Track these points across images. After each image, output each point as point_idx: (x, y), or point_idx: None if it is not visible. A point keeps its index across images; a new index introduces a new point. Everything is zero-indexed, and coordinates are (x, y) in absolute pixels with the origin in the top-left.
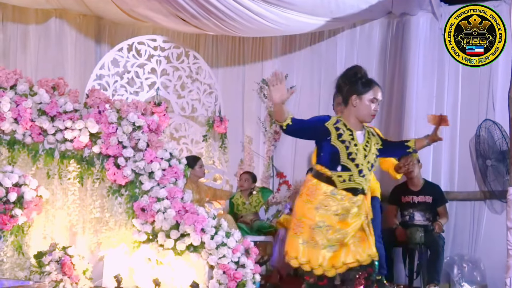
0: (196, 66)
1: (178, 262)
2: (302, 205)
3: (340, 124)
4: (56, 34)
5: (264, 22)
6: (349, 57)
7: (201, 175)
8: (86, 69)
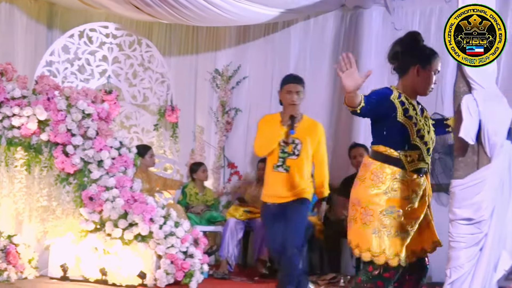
0: (148, 54)
1: (125, 252)
2: (367, 191)
3: (403, 97)
4: (5, 19)
5: (217, 11)
6: (302, 49)
7: (151, 164)
8: (36, 55)
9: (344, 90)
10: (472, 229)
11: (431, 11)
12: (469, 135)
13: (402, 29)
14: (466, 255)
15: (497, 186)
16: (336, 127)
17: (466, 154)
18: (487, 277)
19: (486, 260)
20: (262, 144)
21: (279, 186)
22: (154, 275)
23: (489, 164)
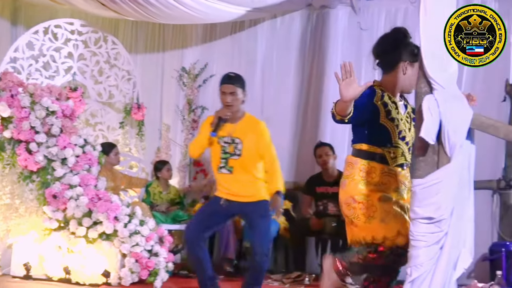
0: (114, 51)
1: (89, 250)
2: (358, 187)
3: (385, 97)
4: None
5: (184, 9)
6: (269, 48)
7: (116, 162)
8: (0, 52)
9: (341, 98)
10: (432, 228)
11: (397, 11)
12: (430, 135)
13: (368, 29)
14: (426, 254)
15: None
16: (302, 126)
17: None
18: (447, 276)
19: (446, 258)
20: (195, 145)
21: (228, 186)
22: (118, 274)
23: (449, 163)
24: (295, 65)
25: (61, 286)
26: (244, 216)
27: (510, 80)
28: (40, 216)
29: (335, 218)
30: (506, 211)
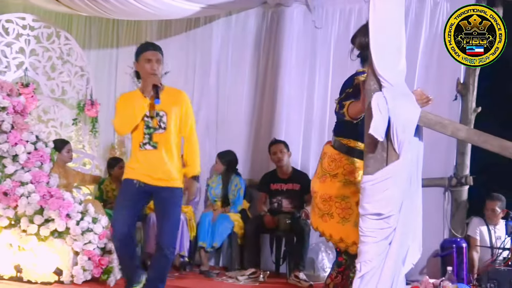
0: (67, 47)
1: (41, 248)
2: (340, 187)
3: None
4: None
5: (138, 5)
6: (224, 45)
7: (68, 159)
8: None
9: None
10: (381, 224)
11: (351, 10)
12: (379, 132)
13: (322, 28)
14: (375, 250)
15: (405, 181)
16: (257, 123)
17: (375, 150)
18: (396, 271)
19: (395, 254)
20: (124, 120)
21: (148, 165)
22: (71, 272)
23: (398, 160)
24: (250, 62)
25: (12, 284)
26: (158, 202)
27: (461, 79)
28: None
29: (289, 215)
30: (457, 208)
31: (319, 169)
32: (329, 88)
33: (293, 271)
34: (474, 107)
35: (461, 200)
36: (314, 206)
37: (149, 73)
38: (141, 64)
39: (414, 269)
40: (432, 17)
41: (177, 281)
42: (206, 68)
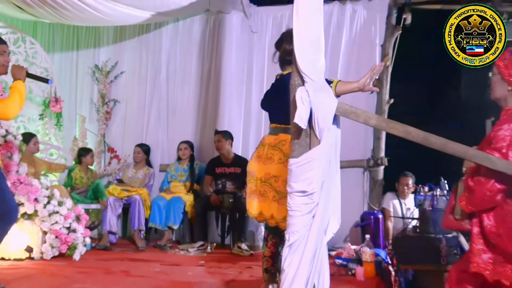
0: (32, 50)
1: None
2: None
3: None
4: None
5: (95, 13)
6: (172, 48)
7: (35, 150)
8: None
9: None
10: (306, 200)
11: (282, 16)
12: (302, 121)
13: (257, 32)
14: (301, 222)
15: (326, 163)
16: (203, 116)
17: (300, 137)
18: (318, 240)
19: (318, 225)
20: (17, 107)
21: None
22: (40, 249)
23: (319, 145)
24: (196, 63)
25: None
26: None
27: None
28: None
29: (232, 195)
30: (374, 185)
31: (280, 155)
32: (264, 84)
33: (236, 242)
34: (387, 99)
35: (377, 179)
36: (266, 192)
37: (2, 64)
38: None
39: (339, 238)
40: (352, 22)
41: (135, 254)
42: (157, 68)
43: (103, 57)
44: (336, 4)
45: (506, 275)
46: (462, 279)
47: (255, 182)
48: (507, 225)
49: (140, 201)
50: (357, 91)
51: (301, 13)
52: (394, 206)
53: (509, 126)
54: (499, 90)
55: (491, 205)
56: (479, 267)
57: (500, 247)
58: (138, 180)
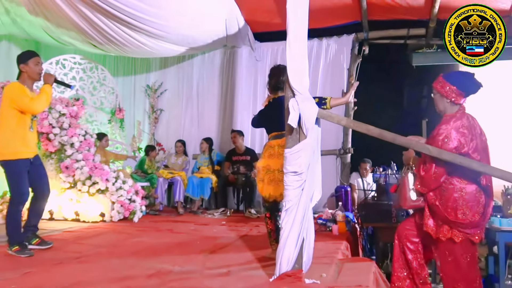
0: (103, 75)
1: (91, 201)
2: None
3: None
4: (6, 53)
5: (146, 48)
6: (201, 72)
7: (106, 145)
8: None
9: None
10: (297, 178)
11: (277, 49)
12: (293, 122)
13: (260, 60)
14: (293, 193)
15: (310, 152)
16: (223, 121)
17: (292, 133)
18: (306, 206)
19: (305, 196)
20: (42, 104)
21: (33, 143)
22: (110, 214)
23: (306, 139)
24: (217, 82)
25: (73, 223)
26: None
27: (345, 90)
28: (58, 180)
29: (244, 175)
30: (344, 167)
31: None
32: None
33: (247, 208)
34: (352, 107)
35: (346, 162)
36: (278, 180)
37: (38, 73)
38: (32, 66)
39: (320, 204)
40: (326, 52)
41: (177, 218)
42: (190, 86)
43: (152, 79)
44: (315, 40)
45: (443, 233)
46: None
47: (272, 173)
48: (444, 198)
49: (181, 180)
50: (345, 103)
51: (292, 47)
52: (357, 182)
53: (446, 126)
54: (440, 104)
55: (437, 185)
56: (427, 228)
57: (438, 214)
58: (178, 165)
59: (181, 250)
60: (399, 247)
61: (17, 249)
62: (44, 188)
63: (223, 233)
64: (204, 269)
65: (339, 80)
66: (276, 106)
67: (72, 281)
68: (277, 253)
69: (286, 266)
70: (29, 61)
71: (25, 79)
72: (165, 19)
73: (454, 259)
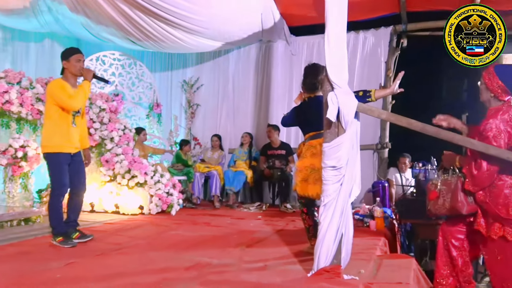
0: (141, 71)
1: (130, 193)
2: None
3: None
4: (49, 51)
5: (183, 44)
6: (236, 66)
7: (144, 139)
8: None
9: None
10: (335, 173)
11: (313, 43)
12: (332, 116)
13: (296, 54)
14: (332, 188)
15: (350, 146)
16: (258, 115)
17: (331, 127)
18: (345, 201)
19: (344, 191)
20: (82, 99)
21: (76, 138)
22: (149, 207)
23: (345, 133)
24: (252, 77)
25: (113, 215)
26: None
27: (382, 84)
28: (98, 173)
29: (279, 170)
30: (381, 162)
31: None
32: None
33: (283, 203)
34: (390, 100)
35: (383, 157)
36: (317, 179)
37: (79, 70)
38: (73, 63)
39: (356, 200)
40: (363, 46)
41: (213, 211)
42: (226, 81)
43: (189, 74)
44: (352, 33)
45: (494, 231)
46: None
47: (317, 172)
48: (493, 194)
49: (217, 174)
50: (390, 94)
51: (331, 40)
52: (395, 177)
53: (493, 121)
54: (485, 95)
55: (490, 182)
56: (479, 226)
57: (488, 211)
58: (214, 159)
59: (218, 243)
60: (443, 244)
61: (60, 240)
62: (79, 184)
63: (259, 227)
64: (241, 262)
65: (376, 73)
66: (312, 105)
67: (113, 271)
68: (315, 248)
69: (324, 262)
70: (71, 57)
71: (68, 75)
72: (202, 14)
73: (504, 258)
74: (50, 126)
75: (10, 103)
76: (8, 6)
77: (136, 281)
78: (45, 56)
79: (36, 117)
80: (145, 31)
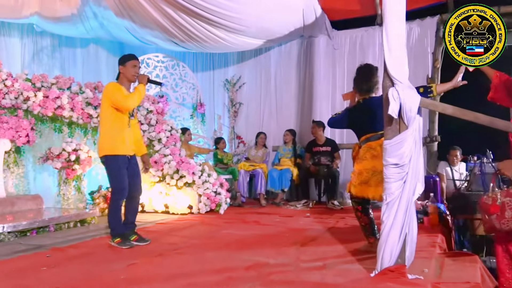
0: (184, 72)
1: (179, 193)
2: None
3: None
4: (94, 56)
5: (225, 43)
6: (278, 65)
7: (189, 139)
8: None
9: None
10: (398, 170)
11: (356, 36)
12: (394, 112)
13: (338, 49)
14: (395, 186)
15: (413, 142)
16: (302, 111)
17: (392, 124)
18: (409, 199)
19: (408, 188)
20: (134, 100)
21: (131, 141)
22: (198, 207)
23: (407, 129)
24: (295, 73)
25: (163, 215)
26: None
27: (430, 75)
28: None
29: (325, 166)
30: (431, 156)
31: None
32: (345, 87)
33: (330, 200)
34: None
35: (433, 151)
36: (379, 181)
37: (133, 75)
38: (129, 68)
39: None
40: (409, 36)
41: (260, 209)
42: (268, 79)
43: (231, 73)
44: None
45: None
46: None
47: (380, 174)
48: None
49: (262, 172)
50: (452, 88)
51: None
52: (446, 171)
53: None
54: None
55: None
56: None
57: None
58: (259, 157)
59: (271, 242)
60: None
61: (118, 241)
62: (134, 188)
63: (309, 225)
64: (299, 262)
65: (423, 65)
66: (367, 108)
67: (174, 272)
68: (378, 248)
69: (388, 261)
70: (127, 63)
71: (123, 80)
72: (244, 13)
73: None
74: (107, 129)
75: (62, 108)
76: (56, 15)
77: (199, 281)
78: (91, 60)
79: (86, 121)
80: (188, 32)
